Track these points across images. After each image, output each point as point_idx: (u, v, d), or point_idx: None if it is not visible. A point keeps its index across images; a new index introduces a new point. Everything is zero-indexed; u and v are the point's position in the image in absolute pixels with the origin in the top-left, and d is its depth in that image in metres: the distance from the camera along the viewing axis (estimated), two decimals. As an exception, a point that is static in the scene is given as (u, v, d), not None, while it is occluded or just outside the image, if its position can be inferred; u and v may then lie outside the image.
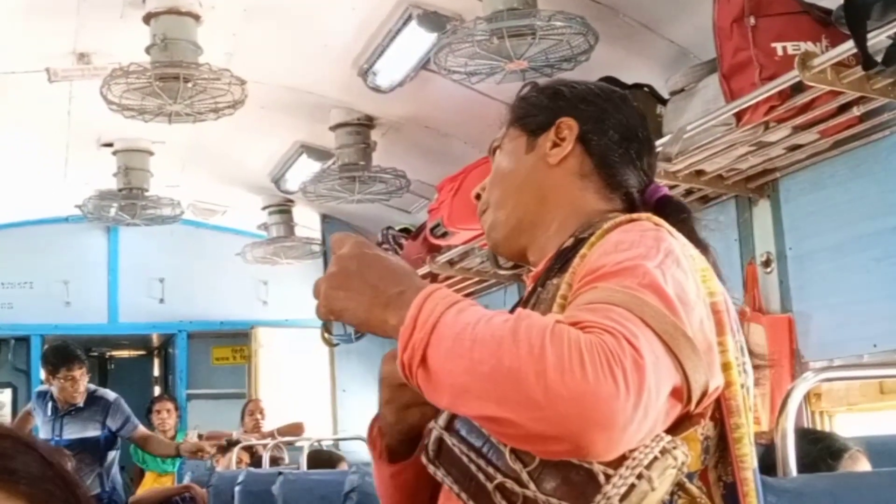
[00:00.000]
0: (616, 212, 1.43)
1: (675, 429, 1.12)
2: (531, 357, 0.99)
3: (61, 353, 5.69)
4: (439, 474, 1.14)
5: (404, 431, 1.35)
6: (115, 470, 5.87)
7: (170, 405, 6.87)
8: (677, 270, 1.17)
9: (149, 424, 6.90)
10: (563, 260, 1.35)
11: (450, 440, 1.14)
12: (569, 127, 1.47)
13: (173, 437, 6.74)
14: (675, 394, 1.07)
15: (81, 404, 5.69)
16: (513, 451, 1.09)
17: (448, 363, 1.04)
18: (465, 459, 1.12)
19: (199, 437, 6.27)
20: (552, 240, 1.43)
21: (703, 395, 1.11)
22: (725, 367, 1.18)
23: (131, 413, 5.80)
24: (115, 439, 5.78)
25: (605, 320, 1.04)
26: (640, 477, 1.06)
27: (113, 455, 5.82)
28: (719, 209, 3.80)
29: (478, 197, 1.53)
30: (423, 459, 1.16)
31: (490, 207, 1.51)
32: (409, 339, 1.07)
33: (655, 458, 1.07)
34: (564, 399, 0.97)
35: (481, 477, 1.10)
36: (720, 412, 1.19)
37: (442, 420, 1.14)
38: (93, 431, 5.68)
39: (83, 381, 5.64)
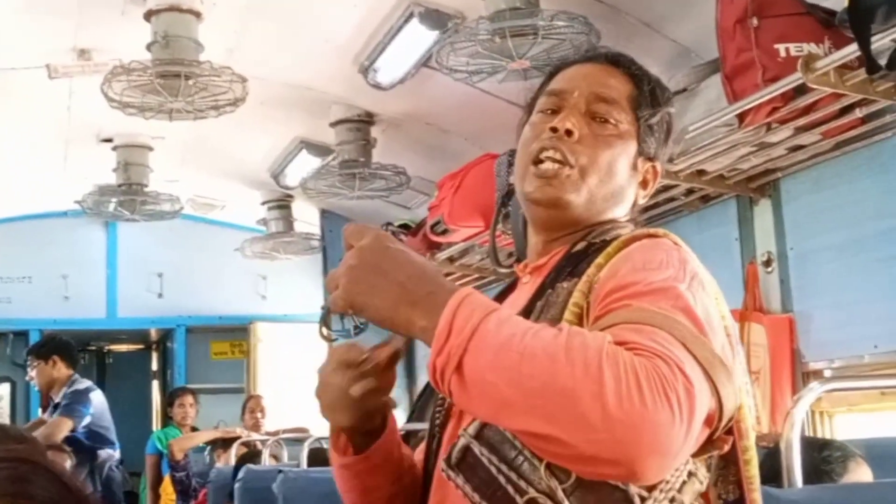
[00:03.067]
0: (617, 220, 1.46)
1: (697, 452, 1.13)
2: (587, 377, 0.99)
3: None
4: (459, 481, 1.12)
5: (360, 419, 1.37)
6: (111, 468, 5.70)
7: (191, 398, 6.86)
8: (703, 294, 1.20)
9: (168, 418, 6.92)
10: (573, 263, 1.36)
11: (478, 449, 1.11)
12: (655, 174, 1.50)
13: (192, 430, 6.75)
14: (708, 419, 1.08)
15: (58, 399, 5.58)
16: (548, 466, 1.07)
17: (490, 374, 1.03)
18: (493, 470, 1.10)
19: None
20: (574, 236, 1.44)
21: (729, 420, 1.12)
22: None
23: (75, 403, 5.52)
24: (100, 436, 5.60)
25: (652, 343, 1.04)
26: (672, 500, 1.09)
27: (106, 454, 5.66)
28: (720, 209, 3.81)
29: (569, 133, 1.42)
30: (443, 465, 1.14)
31: (581, 169, 1.42)
32: (444, 344, 1.06)
33: (684, 482, 1.10)
34: (623, 424, 0.97)
35: (510, 489, 1.08)
36: (730, 433, 1.20)
37: (472, 429, 1.11)
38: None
39: (36, 376, 5.70)
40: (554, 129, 1.42)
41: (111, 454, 5.75)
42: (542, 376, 1.00)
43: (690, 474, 1.11)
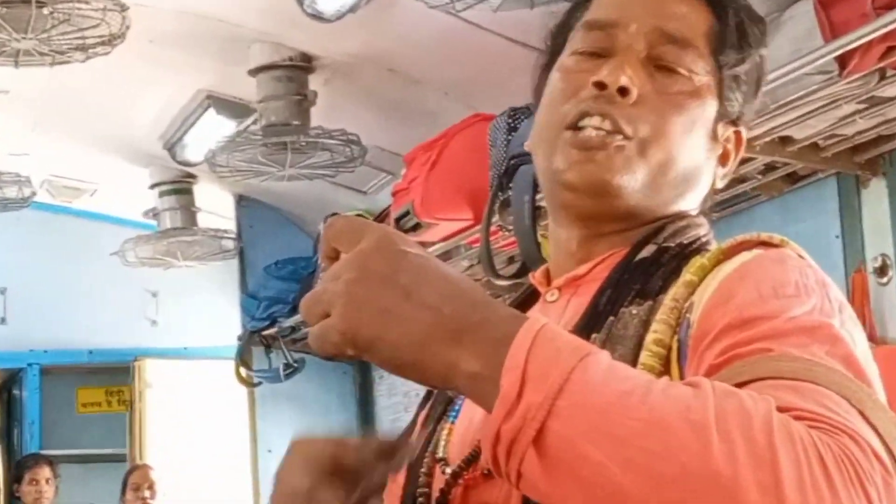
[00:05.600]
0: (687, 213, 1.47)
1: None
2: (754, 461, 0.95)
3: None
4: None
5: None
6: None
7: (48, 471, 6.82)
8: (857, 331, 1.20)
9: (15, 499, 6.88)
10: (641, 278, 1.35)
11: None
12: (739, 143, 1.52)
13: None
14: None
15: None
16: None
17: (594, 449, 0.98)
18: None
19: None
20: (630, 235, 1.43)
21: None
22: None
23: None
24: None
25: (824, 411, 1.02)
26: None
27: None
28: (813, 192, 3.83)
29: (622, 90, 1.39)
30: None
31: (641, 143, 1.40)
32: (515, 402, 1.00)
33: None
34: None
35: None
36: None
37: None
38: None
39: None
40: (601, 86, 1.40)
41: None
42: (682, 457, 0.96)
43: None
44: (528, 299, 1.53)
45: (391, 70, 5.17)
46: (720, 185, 1.51)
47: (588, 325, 1.32)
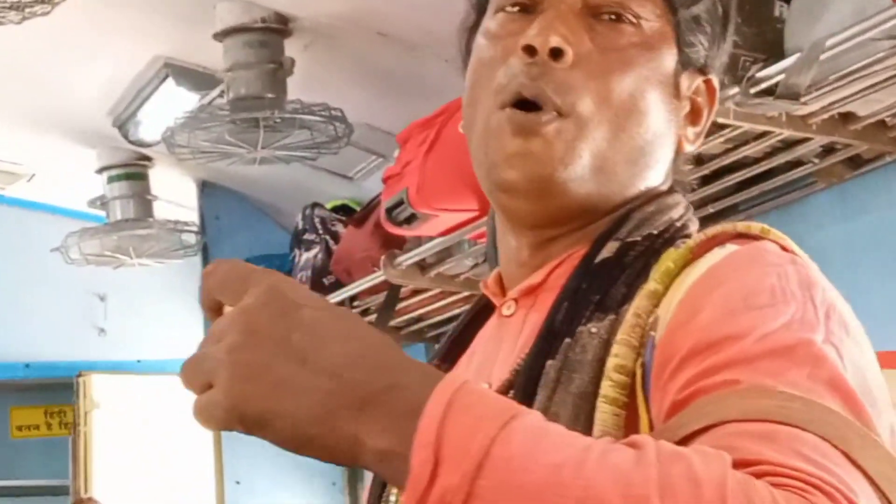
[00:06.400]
0: (657, 190, 1.48)
1: None
2: None
3: None
4: None
5: None
6: None
7: None
8: (849, 342, 1.18)
9: None
10: (601, 286, 1.35)
11: None
12: (712, 95, 1.53)
13: None
14: None
15: None
16: None
17: None
18: None
19: None
20: (588, 231, 1.44)
21: None
22: None
23: None
24: None
25: (798, 461, 1.01)
26: None
27: None
28: (880, 179, 3.82)
29: (555, 53, 1.39)
30: None
31: (579, 119, 1.40)
32: (429, 485, 0.99)
33: None
34: None
35: None
36: None
37: None
38: None
39: None
40: (531, 50, 1.40)
41: None
42: None
43: None
44: (484, 309, 1.56)
45: (382, 34, 5.17)
46: (692, 148, 1.52)
47: (542, 350, 1.33)
